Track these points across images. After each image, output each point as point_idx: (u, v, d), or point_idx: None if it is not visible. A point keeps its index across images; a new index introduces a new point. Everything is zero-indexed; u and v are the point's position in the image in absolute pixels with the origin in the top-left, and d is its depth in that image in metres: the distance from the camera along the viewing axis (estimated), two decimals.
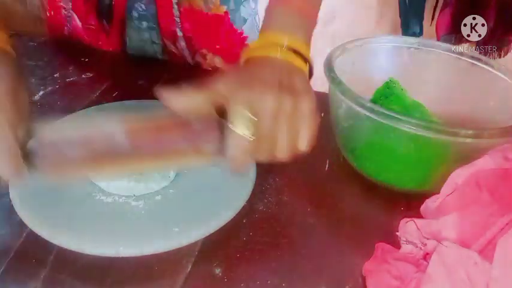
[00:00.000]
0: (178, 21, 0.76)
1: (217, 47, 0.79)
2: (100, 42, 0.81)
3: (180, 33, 0.77)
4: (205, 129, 0.42)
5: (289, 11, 0.47)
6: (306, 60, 0.45)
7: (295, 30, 0.46)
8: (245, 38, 0.79)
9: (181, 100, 0.42)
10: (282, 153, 0.42)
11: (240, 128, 0.40)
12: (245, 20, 0.78)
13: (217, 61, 0.79)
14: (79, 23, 0.80)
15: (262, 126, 0.41)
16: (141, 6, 0.76)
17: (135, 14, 0.77)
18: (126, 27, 0.78)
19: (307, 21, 0.48)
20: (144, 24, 0.77)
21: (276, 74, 0.42)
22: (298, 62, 0.44)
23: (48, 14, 0.81)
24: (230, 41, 0.78)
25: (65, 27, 0.81)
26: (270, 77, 0.42)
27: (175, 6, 0.75)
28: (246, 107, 0.40)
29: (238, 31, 0.78)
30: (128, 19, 0.77)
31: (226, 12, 0.76)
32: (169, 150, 0.43)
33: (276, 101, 0.41)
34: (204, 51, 0.79)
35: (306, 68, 0.45)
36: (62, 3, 0.79)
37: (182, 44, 0.78)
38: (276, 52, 0.43)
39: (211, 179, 0.51)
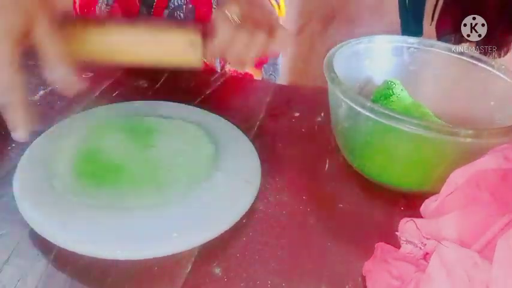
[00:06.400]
0: None
1: None
2: None
3: None
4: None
5: None
6: None
7: None
8: None
9: None
10: (259, 44, 0.55)
11: (230, 11, 0.55)
12: None
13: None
14: None
15: (245, 18, 0.55)
16: (180, 15, 0.76)
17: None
18: None
19: None
20: None
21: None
22: None
23: None
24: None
25: None
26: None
27: None
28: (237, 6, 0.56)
29: None
30: None
31: None
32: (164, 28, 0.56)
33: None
34: None
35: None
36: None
37: None
38: None
39: (213, 185, 0.51)
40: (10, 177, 0.50)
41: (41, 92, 0.68)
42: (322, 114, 0.67)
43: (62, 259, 0.44)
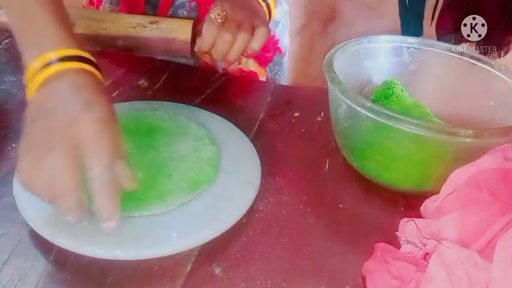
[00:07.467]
0: None
1: None
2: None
3: None
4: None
5: None
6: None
7: None
8: (277, 42, 0.80)
9: None
10: (240, 43, 0.61)
11: (213, 13, 0.62)
12: (277, 23, 0.79)
13: (251, 64, 0.81)
14: None
15: (228, 20, 0.62)
16: (183, 13, 0.76)
17: None
18: None
19: None
20: None
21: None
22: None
23: None
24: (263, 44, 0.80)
25: None
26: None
27: None
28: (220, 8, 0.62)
29: (271, 34, 0.79)
30: None
31: None
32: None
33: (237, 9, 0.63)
34: None
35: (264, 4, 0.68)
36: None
37: None
38: None
39: (213, 186, 0.51)
40: (10, 177, 0.50)
41: None
42: (322, 114, 0.67)
43: (62, 259, 0.44)
